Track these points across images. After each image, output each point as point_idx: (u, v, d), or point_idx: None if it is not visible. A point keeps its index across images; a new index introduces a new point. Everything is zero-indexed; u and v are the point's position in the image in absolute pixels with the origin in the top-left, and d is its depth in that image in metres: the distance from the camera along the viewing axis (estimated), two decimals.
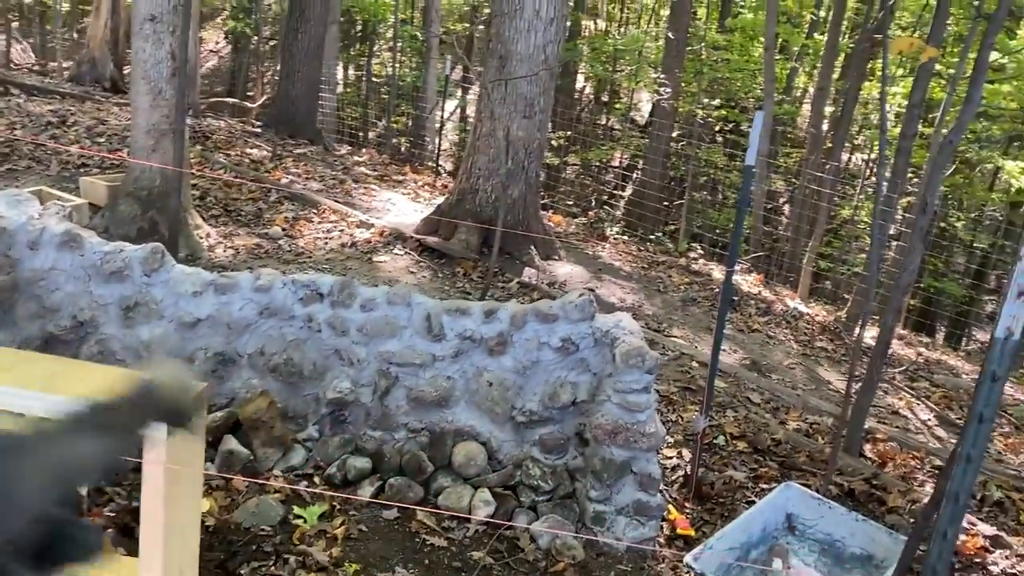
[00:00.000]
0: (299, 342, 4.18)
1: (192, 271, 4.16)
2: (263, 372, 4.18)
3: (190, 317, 4.10)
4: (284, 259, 6.53)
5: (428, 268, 6.90)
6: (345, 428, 4.19)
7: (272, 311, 4.15)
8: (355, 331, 4.11)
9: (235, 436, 3.97)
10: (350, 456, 4.01)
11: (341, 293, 4.10)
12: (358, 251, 7.00)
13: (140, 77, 6.06)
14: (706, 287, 8.47)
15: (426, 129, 14.73)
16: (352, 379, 4.14)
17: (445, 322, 4.07)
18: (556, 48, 7.36)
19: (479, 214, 7.51)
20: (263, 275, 4.15)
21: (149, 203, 6.28)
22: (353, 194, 9.06)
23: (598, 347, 4.02)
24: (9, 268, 4.08)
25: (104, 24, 13.57)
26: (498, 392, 4.07)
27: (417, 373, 4.11)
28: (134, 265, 4.10)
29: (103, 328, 4.17)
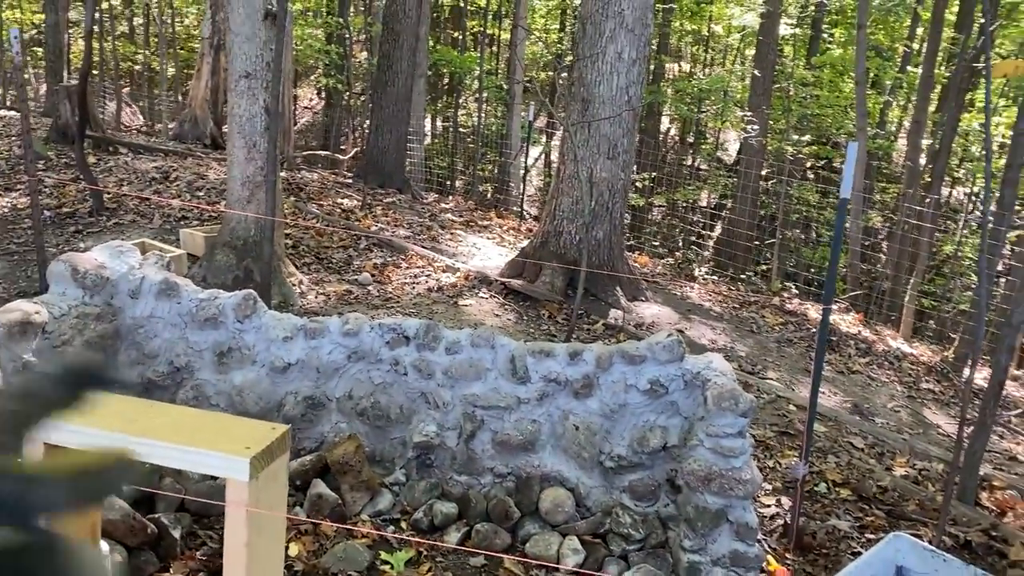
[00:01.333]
0: (386, 386, 4.19)
1: (283, 317, 4.25)
2: (351, 416, 4.21)
3: (281, 362, 4.17)
4: (372, 304, 6.63)
5: (513, 311, 6.88)
6: (431, 472, 4.16)
7: (360, 355, 4.18)
8: (440, 374, 4.11)
9: (323, 480, 3.99)
10: (436, 501, 3.97)
11: (426, 336, 4.11)
12: (444, 295, 7.05)
13: (236, 131, 6.32)
14: (802, 327, 8.18)
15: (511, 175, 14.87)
16: (438, 422, 4.12)
17: (529, 364, 4.02)
18: (639, 89, 7.33)
19: (563, 256, 7.47)
20: (351, 320, 4.20)
21: (244, 252, 6.49)
22: (439, 240, 9.17)
23: (688, 389, 3.89)
24: (112, 316, 4.25)
25: (205, 84, 14.30)
26: (585, 436, 3.98)
27: (502, 416, 4.07)
28: (227, 312, 4.21)
29: (198, 373, 4.28)
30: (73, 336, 4.05)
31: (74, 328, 4.06)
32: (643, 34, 7.21)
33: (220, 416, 2.24)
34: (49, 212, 7.84)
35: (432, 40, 18.27)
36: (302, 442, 4.21)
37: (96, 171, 9.18)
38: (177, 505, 3.78)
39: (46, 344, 3.94)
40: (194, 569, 3.37)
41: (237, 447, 1.71)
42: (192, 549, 3.58)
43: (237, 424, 1.79)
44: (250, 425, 1.77)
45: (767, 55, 15.99)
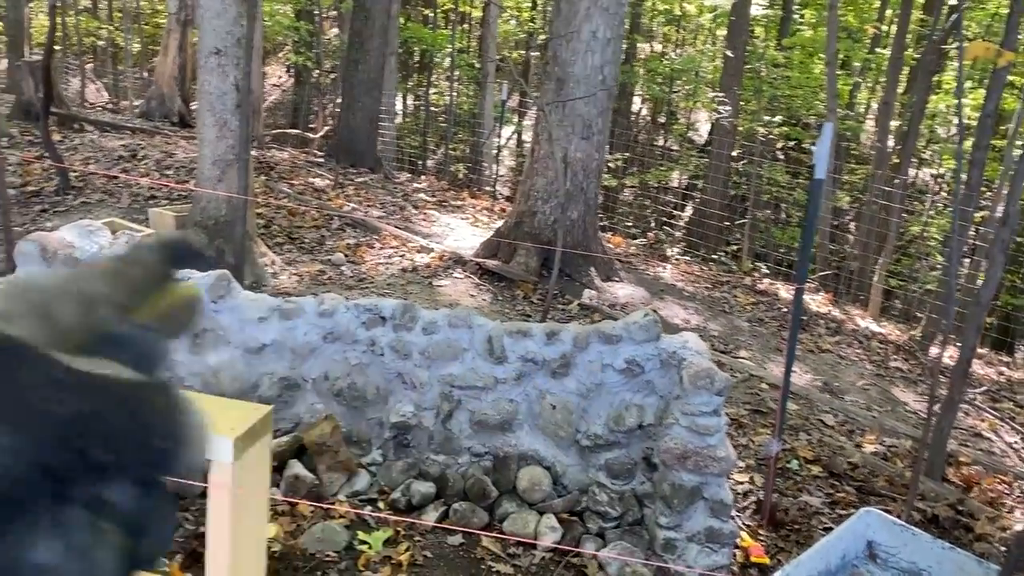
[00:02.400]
0: (362, 366, 4.18)
1: (257, 297, 4.21)
2: (327, 397, 4.19)
3: (256, 343, 4.14)
4: (347, 284, 6.59)
5: (488, 291, 6.88)
6: (409, 452, 4.16)
7: (336, 336, 4.16)
8: (417, 354, 4.10)
9: (300, 461, 3.97)
10: (414, 481, 3.98)
11: (403, 316, 4.09)
12: (419, 276, 7.03)
13: (206, 110, 6.21)
14: (772, 307, 8.27)
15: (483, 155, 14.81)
16: (415, 403, 4.12)
17: (507, 344, 4.03)
18: (613, 69, 7.32)
19: (538, 236, 7.48)
20: (327, 300, 4.17)
21: (215, 232, 6.41)
22: (413, 220, 9.13)
23: (664, 369, 3.92)
24: None
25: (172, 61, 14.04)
26: (562, 415, 4.00)
27: (480, 396, 4.07)
28: (201, 292, 4.15)
29: (172, 354, 4.23)
30: None
31: None
32: (618, 12, 7.19)
33: (201, 396, 2.22)
34: (14, 191, 7.67)
35: (403, 18, 18.08)
36: (278, 423, 4.19)
37: (62, 149, 9.00)
38: None
39: None
40: (171, 552, 3.35)
41: (220, 427, 1.69)
42: None
43: (219, 405, 1.76)
44: (233, 405, 1.75)
45: (739, 35, 16.05)
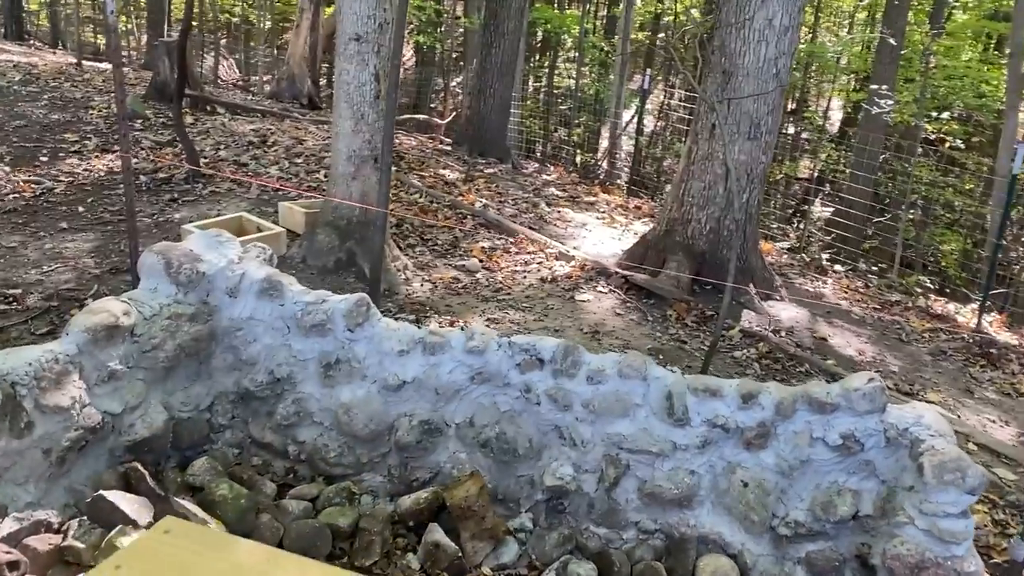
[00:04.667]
0: (514, 415, 3.59)
1: (398, 327, 3.67)
2: (472, 446, 3.63)
3: (395, 379, 3.60)
4: (482, 295, 6.03)
5: (636, 309, 6.19)
6: (564, 520, 3.55)
7: (485, 377, 3.58)
8: (579, 406, 3.47)
9: (439, 523, 3.42)
10: (571, 560, 3.36)
11: (564, 361, 3.47)
12: (559, 287, 6.40)
13: (343, 100, 5.75)
14: (954, 335, 7.24)
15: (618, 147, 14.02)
16: (574, 463, 3.49)
17: (691, 404, 3.34)
18: (788, 61, 6.45)
19: (691, 247, 6.72)
20: (476, 335, 3.59)
21: (348, 233, 5.96)
22: (547, 219, 8.51)
23: (891, 448, 3.15)
24: (207, 316, 3.75)
25: (303, 41, 13.86)
26: (755, 495, 3.30)
27: (653, 463, 3.41)
28: (336, 318, 3.65)
29: (301, 386, 3.75)
30: (164, 339, 3.56)
31: (166, 331, 3.56)
32: None
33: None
34: (145, 177, 7.48)
35: None
36: (415, 472, 3.66)
37: (193, 132, 8.81)
38: (276, 545, 3.27)
39: (135, 348, 3.46)
40: None
41: None
42: None
43: None
44: None
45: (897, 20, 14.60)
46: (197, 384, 3.81)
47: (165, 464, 3.67)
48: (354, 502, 3.58)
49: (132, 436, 3.42)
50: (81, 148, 8.07)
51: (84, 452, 3.24)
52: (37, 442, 3.01)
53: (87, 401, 3.22)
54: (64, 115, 9.07)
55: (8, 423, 2.87)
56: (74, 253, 5.71)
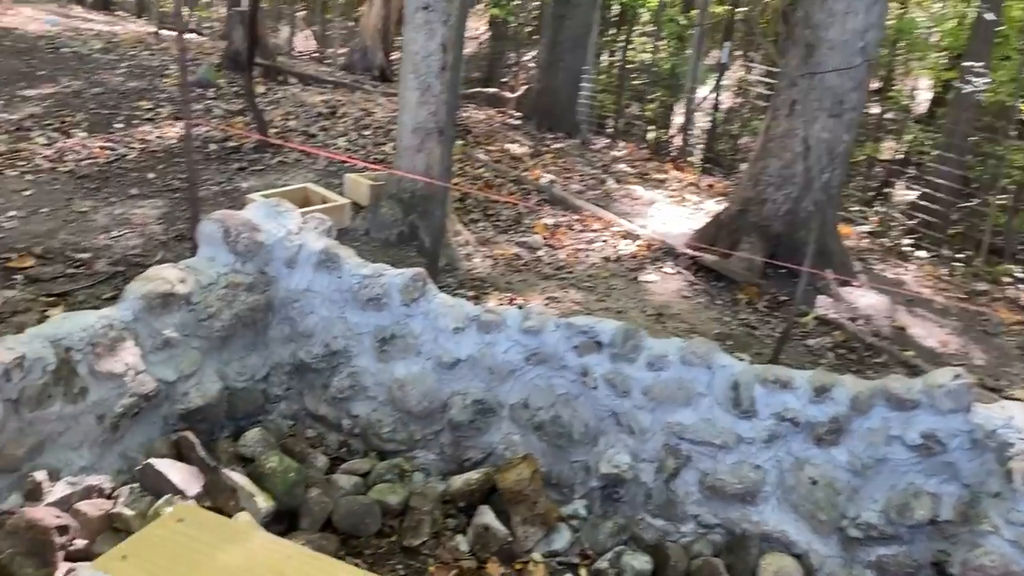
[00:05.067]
0: (570, 398, 3.46)
1: (455, 303, 3.57)
2: (526, 428, 3.51)
3: (449, 356, 3.51)
4: (543, 273, 5.90)
5: (704, 292, 5.97)
6: (619, 508, 3.42)
7: (541, 358, 3.46)
8: (639, 393, 3.32)
9: (491, 506, 3.32)
10: (626, 551, 3.23)
11: (624, 345, 3.31)
12: (623, 267, 6.22)
13: (409, 71, 5.65)
14: None
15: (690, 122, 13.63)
16: (632, 452, 3.35)
17: (758, 395, 3.16)
18: (877, 34, 6.10)
19: (766, 229, 6.45)
20: (533, 314, 3.46)
21: (411, 206, 5.89)
22: (614, 196, 8.30)
23: (976, 451, 2.92)
24: (264, 286, 3.71)
25: (376, 13, 13.82)
26: (824, 494, 3.10)
27: (715, 455, 3.25)
28: (393, 293, 3.57)
29: (356, 360, 3.70)
30: (221, 309, 3.53)
31: (222, 300, 3.54)
32: None
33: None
34: (215, 146, 7.54)
35: None
36: (467, 451, 3.57)
37: (264, 102, 8.86)
38: (323, 522, 3.23)
39: (191, 317, 3.45)
40: None
41: None
42: None
43: None
44: None
45: None
46: (253, 354, 3.79)
47: (219, 433, 3.66)
48: (405, 480, 3.51)
49: (186, 404, 3.41)
50: (154, 116, 8.19)
51: (138, 419, 3.25)
52: (91, 408, 3.01)
53: (142, 368, 3.21)
54: (140, 83, 9.22)
55: (62, 388, 2.88)
56: (142, 219, 5.78)
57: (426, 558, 3.21)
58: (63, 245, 5.22)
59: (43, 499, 2.82)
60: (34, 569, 2.59)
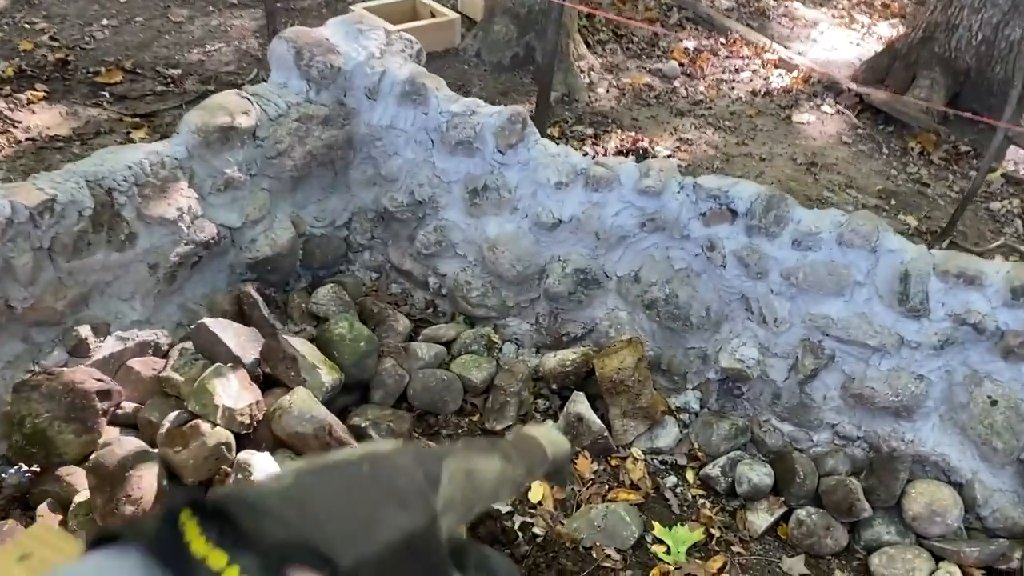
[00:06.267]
0: (690, 275, 2.87)
1: (558, 152, 2.97)
2: (635, 305, 2.98)
3: (549, 216, 2.96)
4: (677, 108, 5.11)
5: (868, 138, 5.05)
6: (739, 406, 2.90)
7: (659, 224, 2.86)
8: (778, 276, 2.69)
9: (586, 393, 2.87)
10: (743, 457, 2.74)
11: (765, 215, 2.66)
12: (773, 104, 5.33)
13: None
14: None
15: None
16: (762, 344, 2.78)
17: (934, 290, 2.48)
18: None
19: (952, 62, 5.34)
20: (653, 171, 2.83)
21: (527, 24, 5.15)
22: (770, 16, 7.15)
23: None
24: (343, 120, 3.21)
25: None
26: (1004, 417, 2.47)
27: (868, 358, 2.63)
28: (486, 136, 3.00)
29: (444, 212, 3.21)
30: (292, 145, 3.07)
31: (294, 135, 3.07)
32: None
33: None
34: None
35: None
36: (565, 325, 3.09)
37: None
38: (397, 396, 2.88)
39: (258, 154, 3.01)
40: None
41: None
42: None
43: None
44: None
45: None
46: (333, 197, 3.36)
47: (294, 284, 3.33)
48: (493, 351, 3.09)
49: (254, 253, 3.05)
50: None
51: (199, 268, 2.92)
52: (142, 256, 2.68)
53: (200, 212, 2.84)
54: None
55: (106, 234, 2.54)
56: (239, 32, 5.32)
57: None
58: (154, 59, 4.85)
59: (90, 355, 2.57)
60: (75, 436, 2.36)
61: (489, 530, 2.44)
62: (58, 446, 2.34)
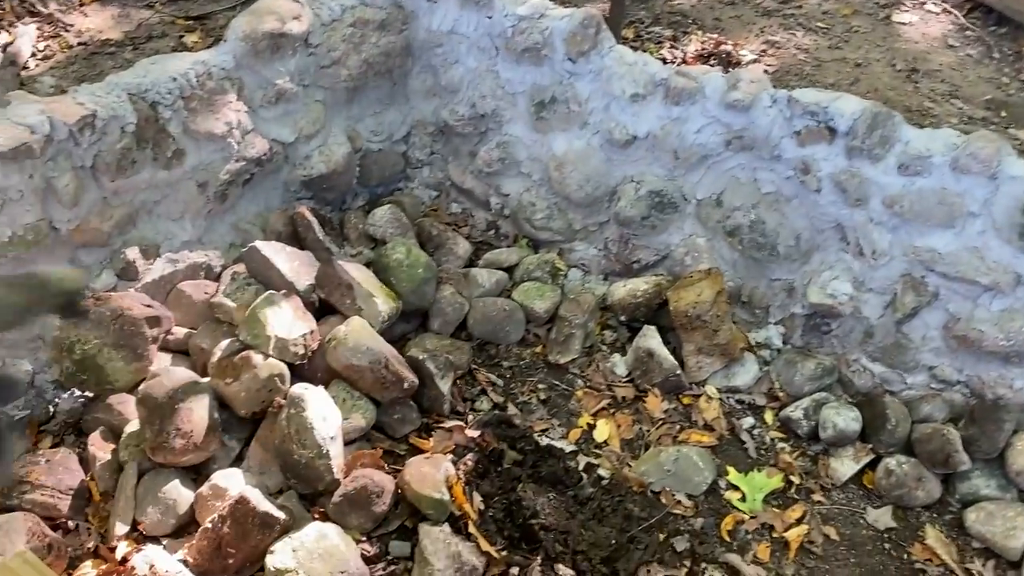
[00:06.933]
0: (780, 200, 2.61)
1: (635, 61, 2.69)
2: (715, 232, 2.74)
3: (623, 132, 2.71)
4: (764, 7, 4.67)
5: (978, 41, 4.55)
6: (826, 343, 2.67)
7: (747, 143, 2.58)
8: (879, 203, 2.42)
9: (658, 327, 2.68)
10: (829, 399, 2.53)
11: (869, 135, 2.37)
12: (870, 1, 4.84)
13: None
14: None
15: None
16: (856, 278, 2.53)
17: None
18: None
19: None
20: (742, 82, 2.54)
21: None
22: None
23: None
24: (401, 25, 2.98)
25: None
26: None
27: (977, 297, 2.37)
28: (555, 42, 2.74)
29: (508, 127, 2.98)
30: (347, 53, 2.86)
31: (348, 41, 2.86)
32: None
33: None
34: None
35: None
36: (637, 251, 2.87)
37: None
38: (457, 325, 2.73)
39: (311, 62, 2.81)
40: (461, 444, 2.36)
41: None
42: (468, 401, 2.56)
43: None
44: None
45: None
46: (391, 110, 3.16)
47: (351, 203, 3.17)
48: (558, 278, 2.90)
49: (308, 170, 2.89)
50: None
51: (251, 186, 2.77)
52: (190, 174, 2.55)
53: (250, 127, 2.67)
54: None
55: (151, 151, 2.40)
56: None
57: (574, 378, 2.68)
58: None
59: (139, 278, 2.48)
60: (124, 363, 2.29)
61: (551, 469, 2.31)
62: (108, 374, 2.27)
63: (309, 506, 2.17)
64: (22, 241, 2.15)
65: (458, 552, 2.02)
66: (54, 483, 2.08)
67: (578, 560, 2.11)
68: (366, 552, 2.08)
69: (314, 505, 2.17)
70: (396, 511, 2.17)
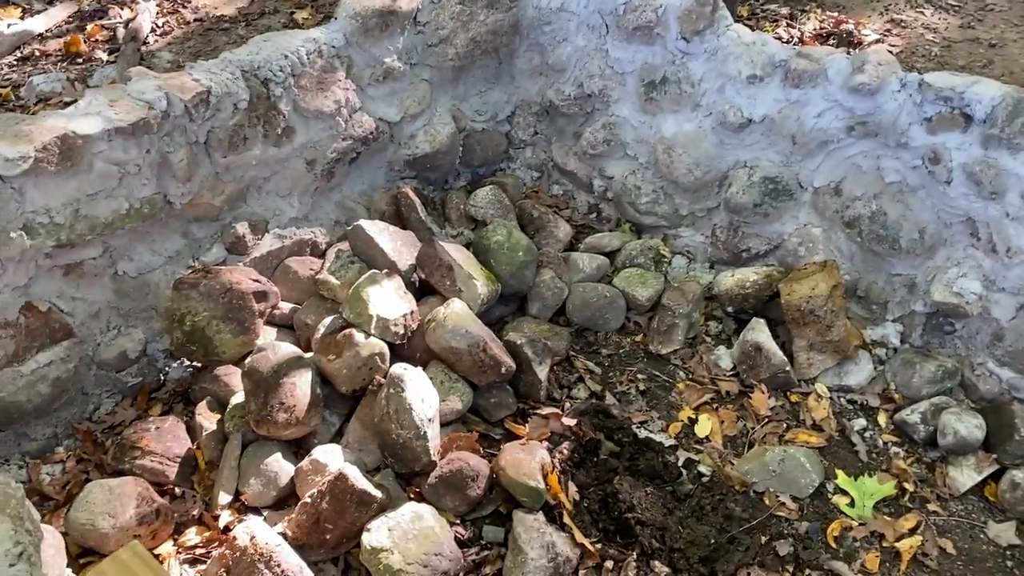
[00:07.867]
0: (903, 190, 2.45)
1: (753, 40, 2.57)
2: (832, 222, 2.60)
3: (737, 115, 2.60)
4: None
5: None
6: (948, 345, 2.51)
7: (872, 129, 2.43)
8: (1017, 196, 2.24)
9: (767, 316, 2.57)
10: (949, 404, 2.38)
11: (1009, 123, 2.19)
12: None
13: None
14: None
15: None
16: (987, 276, 2.35)
17: None
18: None
19: None
20: (868, 64, 2.38)
21: None
22: None
23: None
24: (510, 2, 2.93)
25: None
26: None
27: None
28: (669, 20, 2.64)
29: (615, 107, 2.91)
30: (455, 31, 2.84)
31: (456, 19, 2.83)
32: None
33: None
34: None
35: None
36: (747, 240, 2.76)
37: None
38: (555, 310, 2.69)
39: (418, 41, 2.80)
40: (557, 432, 2.33)
41: None
42: (565, 388, 2.52)
43: None
44: None
45: None
46: (496, 89, 3.12)
47: (453, 183, 3.15)
48: (661, 265, 2.82)
49: (412, 150, 2.88)
50: None
51: (357, 165, 2.79)
52: (299, 151, 2.57)
53: (358, 105, 2.68)
54: None
55: (262, 128, 2.43)
56: None
57: (675, 370, 2.60)
58: None
59: (248, 252, 2.53)
60: (232, 336, 2.34)
61: (649, 463, 2.25)
62: (216, 345, 2.32)
63: (405, 485, 2.17)
64: (138, 213, 2.21)
65: (552, 542, 1.99)
66: (163, 450, 2.14)
67: (675, 558, 2.04)
68: (460, 535, 2.07)
69: (410, 485, 2.17)
70: (491, 496, 2.15)
